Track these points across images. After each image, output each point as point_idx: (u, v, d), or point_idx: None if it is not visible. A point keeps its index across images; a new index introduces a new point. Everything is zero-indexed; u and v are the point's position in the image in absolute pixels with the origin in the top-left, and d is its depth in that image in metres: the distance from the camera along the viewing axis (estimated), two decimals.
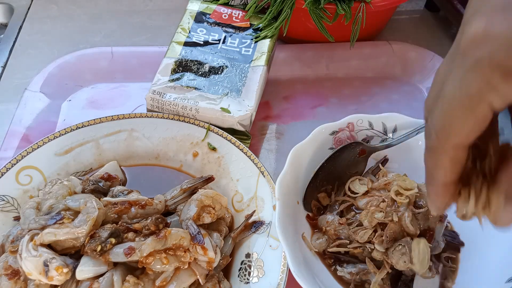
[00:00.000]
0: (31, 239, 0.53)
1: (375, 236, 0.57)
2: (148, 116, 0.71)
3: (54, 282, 0.51)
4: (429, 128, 0.36)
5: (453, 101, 0.33)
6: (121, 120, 0.70)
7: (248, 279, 0.58)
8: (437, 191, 0.38)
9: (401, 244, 0.56)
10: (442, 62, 0.36)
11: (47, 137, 0.66)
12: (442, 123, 0.34)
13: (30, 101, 0.79)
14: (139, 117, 0.71)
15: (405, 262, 0.55)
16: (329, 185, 0.66)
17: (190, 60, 0.76)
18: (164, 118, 0.71)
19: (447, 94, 0.34)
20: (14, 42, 0.96)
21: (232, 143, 0.68)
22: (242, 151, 0.67)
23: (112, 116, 0.70)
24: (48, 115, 0.78)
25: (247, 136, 0.73)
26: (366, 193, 0.63)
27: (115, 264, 0.53)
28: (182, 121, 0.71)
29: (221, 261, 0.58)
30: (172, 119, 0.71)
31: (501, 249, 0.59)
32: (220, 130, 0.70)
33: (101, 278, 0.52)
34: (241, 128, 0.71)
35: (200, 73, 0.75)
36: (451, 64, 0.34)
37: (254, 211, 0.63)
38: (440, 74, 0.36)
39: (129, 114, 0.70)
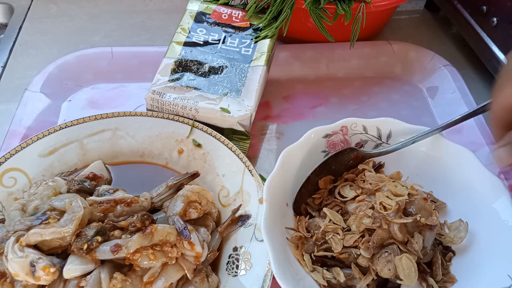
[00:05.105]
0: (17, 240, 0.52)
1: (362, 242, 0.56)
2: (131, 115, 0.71)
3: (41, 282, 0.51)
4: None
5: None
6: (104, 119, 0.70)
7: (236, 272, 0.58)
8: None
9: (387, 252, 0.55)
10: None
11: (31, 138, 0.66)
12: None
13: (30, 101, 0.79)
14: (123, 115, 0.70)
15: (389, 270, 0.54)
16: (321, 189, 0.66)
17: (190, 60, 0.76)
18: (148, 116, 0.71)
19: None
20: (14, 42, 0.96)
21: (217, 139, 0.68)
22: (227, 147, 0.67)
23: (95, 115, 0.70)
24: (48, 115, 0.78)
25: (247, 136, 0.73)
26: (356, 198, 0.62)
27: (102, 262, 0.53)
28: (166, 118, 0.70)
29: (208, 256, 0.58)
30: (156, 117, 0.71)
31: (496, 255, 0.58)
32: (204, 126, 0.70)
33: (88, 276, 0.52)
34: (241, 128, 0.71)
35: (200, 73, 0.75)
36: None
37: (240, 205, 0.64)
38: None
39: (112, 113, 0.70)
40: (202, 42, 0.80)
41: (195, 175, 0.65)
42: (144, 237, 0.53)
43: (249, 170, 0.65)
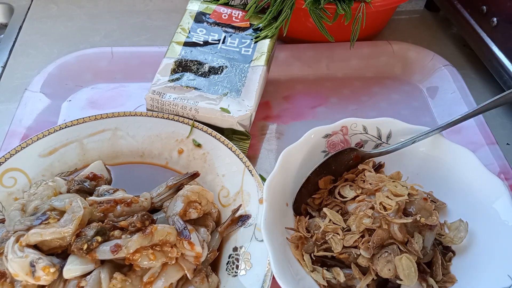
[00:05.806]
0: (17, 240, 0.52)
1: (362, 242, 0.56)
2: (131, 115, 0.71)
3: (41, 282, 0.51)
4: None
5: None
6: (104, 119, 0.70)
7: (236, 272, 0.59)
8: None
9: (387, 252, 0.55)
10: None
11: (31, 138, 0.66)
12: None
13: (30, 101, 0.79)
14: (123, 115, 0.70)
15: (389, 270, 0.54)
16: (321, 189, 0.66)
17: (190, 60, 0.76)
18: (148, 116, 0.71)
19: None
20: (14, 42, 0.96)
21: (217, 139, 0.68)
22: (227, 147, 0.67)
23: (95, 115, 0.70)
24: (48, 115, 0.78)
25: (247, 136, 0.73)
26: (356, 198, 0.62)
27: (102, 262, 0.53)
28: (166, 118, 0.70)
29: (208, 256, 0.58)
30: (156, 117, 0.71)
31: (496, 255, 0.58)
32: (204, 126, 0.70)
33: (88, 276, 0.52)
34: (241, 128, 0.71)
35: (199, 73, 0.75)
36: None
37: (240, 205, 0.64)
38: None
39: (112, 113, 0.70)
40: (202, 42, 0.79)
41: (195, 175, 0.65)
42: (144, 237, 0.53)
43: (249, 170, 0.65)
